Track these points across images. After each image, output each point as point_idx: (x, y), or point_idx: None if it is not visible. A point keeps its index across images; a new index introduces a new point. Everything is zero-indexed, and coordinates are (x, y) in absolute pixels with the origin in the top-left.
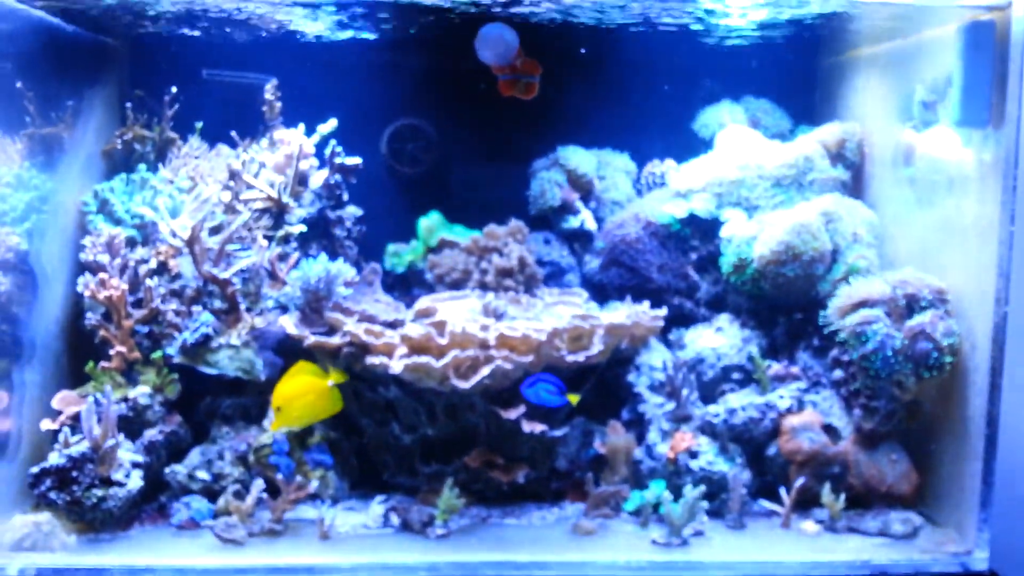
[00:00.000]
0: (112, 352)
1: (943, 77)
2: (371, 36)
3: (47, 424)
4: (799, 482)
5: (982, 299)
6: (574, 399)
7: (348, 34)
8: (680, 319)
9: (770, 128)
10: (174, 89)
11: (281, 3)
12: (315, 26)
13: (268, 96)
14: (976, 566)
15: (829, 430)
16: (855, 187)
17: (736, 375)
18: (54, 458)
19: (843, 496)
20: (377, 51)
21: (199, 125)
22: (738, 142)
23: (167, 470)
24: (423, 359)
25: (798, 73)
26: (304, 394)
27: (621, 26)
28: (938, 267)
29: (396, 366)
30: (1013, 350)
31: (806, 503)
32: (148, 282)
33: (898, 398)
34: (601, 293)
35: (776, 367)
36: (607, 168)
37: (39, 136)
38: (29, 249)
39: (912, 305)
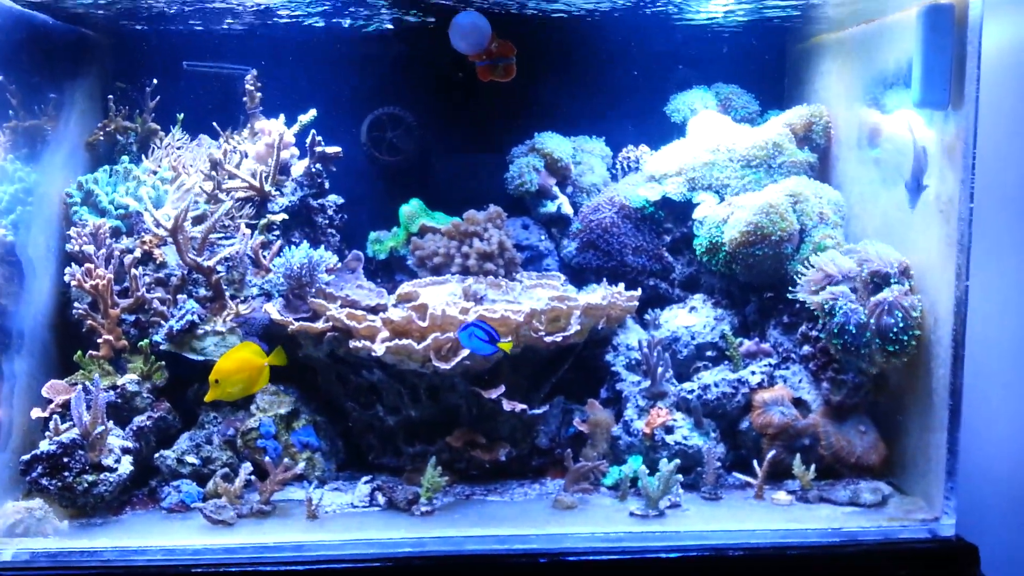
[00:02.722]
0: (100, 341)
1: (904, 60)
2: (350, 25)
3: (37, 412)
4: (771, 454)
5: (944, 275)
6: (506, 347)
7: (324, 23)
8: (655, 300)
9: (740, 112)
10: (155, 81)
11: None
12: (295, 16)
13: (249, 87)
14: (943, 532)
15: (799, 403)
16: (822, 168)
17: (710, 353)
18: (45, 445)
19: (813, 467)
20: (356, 41)
21: (181, 116)
22: (709, 127)
23: (157, 455)
24: (404, 342)
25: (767, 58)
26: (241, 370)
27: (595, 14)
28: (902, 244)
29: (378, 349)
30: (974, 323)
31: (778, 475)
32: (133, 271)
33: (865, 371)
34: (579, 276)
35: (747, 344)
36: (583, 154)
37: (22, 128)
38: (15, 240)
39: (877, 280)
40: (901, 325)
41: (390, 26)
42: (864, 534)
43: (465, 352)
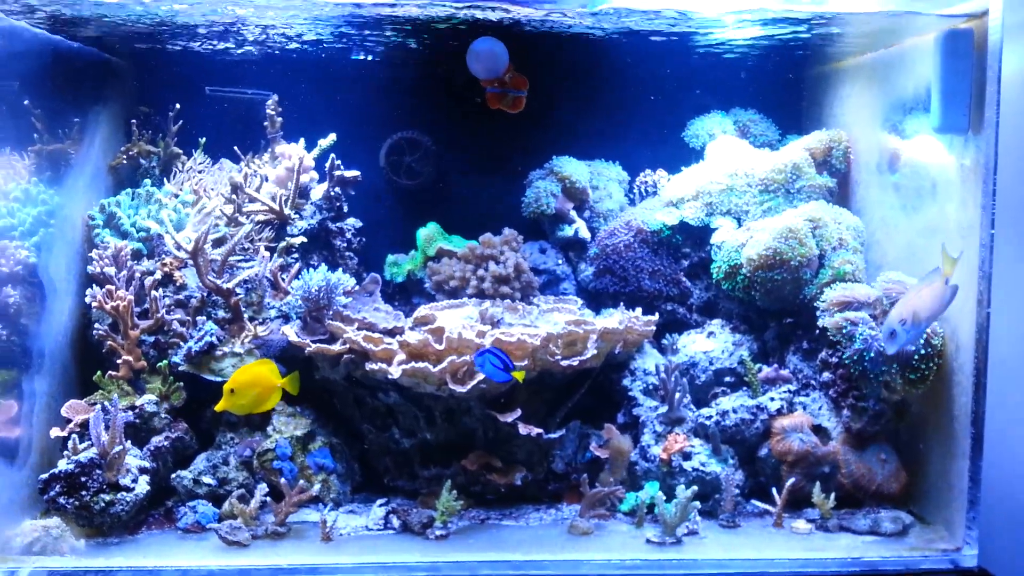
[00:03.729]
0: (119, 361)
1: (924, 85)
2: (369, 51)
3: (56, 432)
4: (790, 482)
5: (965, 301)
6: (519, 376)
7: (347, 50)
8: (673, 324)
9: (759, 138)
10: (178, 105)
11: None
12: (315, 42)
13: (270, 111)
14: (965, 563)
15: (819, 431)
16: (842, 193)
17: (728, 378)
18: (63, 464)
19: (833, 496)
20: (375, 65)
21: (203, 140)
22: (727, 151)
23: (173, 476)
24: (421, 364)
25: (786, 84)
26: (255, 385)
27: (613, 39)
28: (923, 270)
29: (395, 371)
30: (996, 350)
31: (798, 503)
32: (153, 293)
33: (886, 398)
34: (595, 300)
35: (766, 370)
36: (600, 178)
37: (46, 152)
38: (37, 262)
39: None
40: (922, 352)
41: (411, 46)
42: (884, 564)
43: (481, 375)
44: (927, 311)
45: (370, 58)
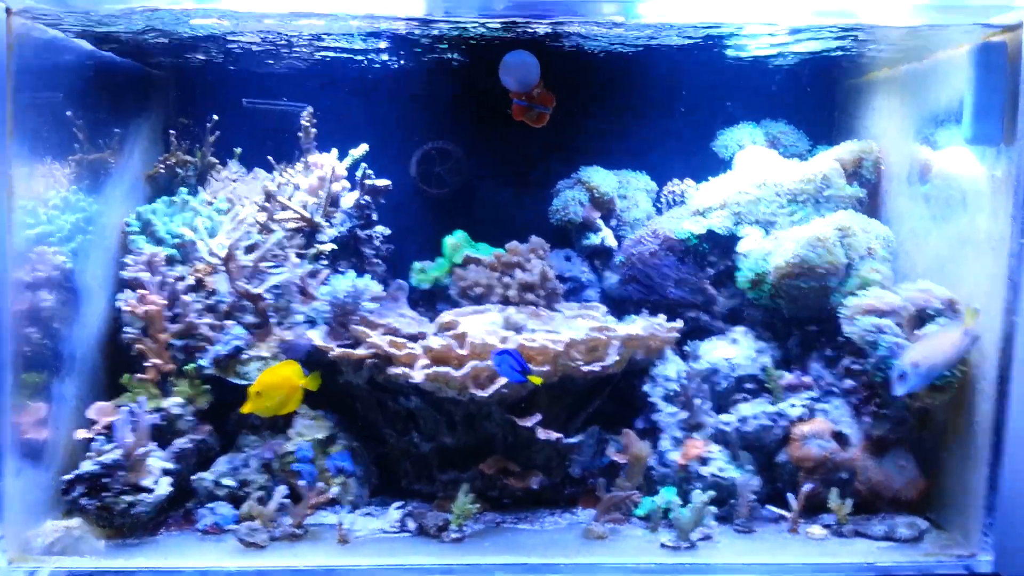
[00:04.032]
0: (147, 364)
1: (956, 97)
2: (400, 63)
3: (81, 433)
4: (807, 487)
5: (992, 310)
6: (536, 380)
7: (379, 62)
8: (697, 332)
9: (789, 148)
10: (216, 116)
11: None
12: (349, 54)
13: (304, 123)
14: (980, 568)
15: (839, 437)
16: (872, 204)
17: (749, 385)
18: (87, 466)
19: (850, 501)
20: (406, 77)
21: (238, 150)
22: (756, 162)
23: (194, 477)
24: (443, 369)
25: (817, 95)
26: (280, 387)
27: (643, 49)
28: (951, 280)
29: (417, 376)
30: (1021, 358)
31: (814, 508)
32: (184, 298)
33: (908, 406)
34: (620, 307)
35: (788, 377)
36: (628, 187)
37: (87, 161)
38: (74, 268)
39: (923, 316)
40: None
41: (449, 56)
42: (899, 569)
43: (503, 380)
44: (942, 357)
45: (401, 69)
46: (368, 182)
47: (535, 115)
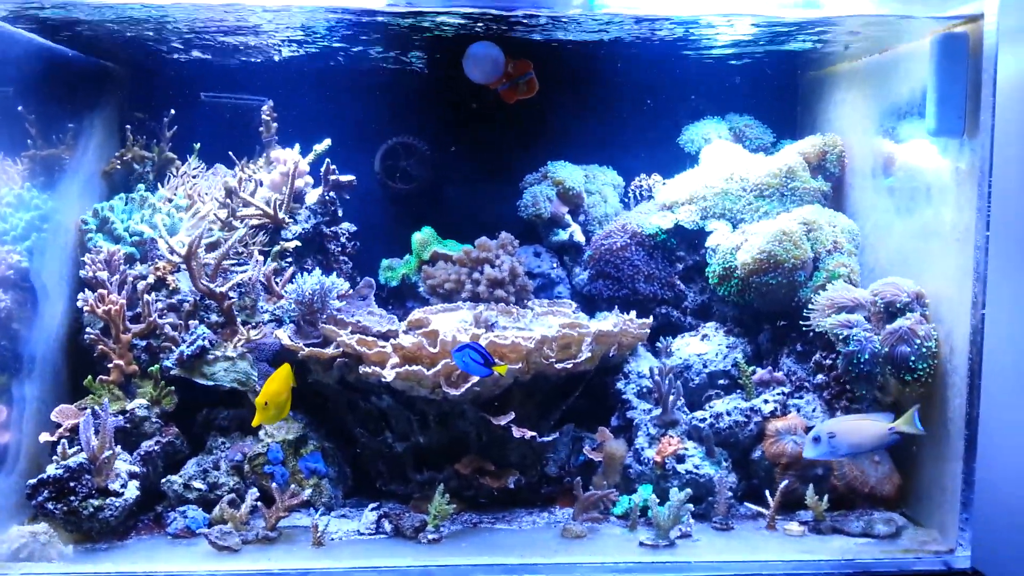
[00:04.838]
0: (110, 365)
1: (918, 89)
2: (364, 57)
3: (45, 437)
4: (783, 484)
5: (960, 303)
6: (501, 369)
7: (342, 55)
8: (667, 328)
9: (753, 142)
10: (173, 111)
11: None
12: (309, 46)
13: (265, 116)
14: (959, 564)
15: None
16: (836, 197)
17: (722, 381)
18: (51, 469)
19: (827, 498)
20: (370, 71)
21: (197, 145)
22: (722, 156)
23: (164, 480)
24: (415, 367)
25: (780, 88)
26: (282, 393)
27: (608, 45)
28: (918, 273)
29: (388, 375)
30: (991, 352)
31: (791, 505)
32: (146, 297)
33: (880, 401)
34: (590, 304)
35: (760, 372)
36: (595, 182)
37: (40, 157)
38: (30, 267)
39: (891, 310)
40: (918, 353)
41: (407, 52)
42: (878, 566)
43: (475, 379)
44: (858, 441)
45: (365, 63)
46: (332, 177)
47: (524, 87)
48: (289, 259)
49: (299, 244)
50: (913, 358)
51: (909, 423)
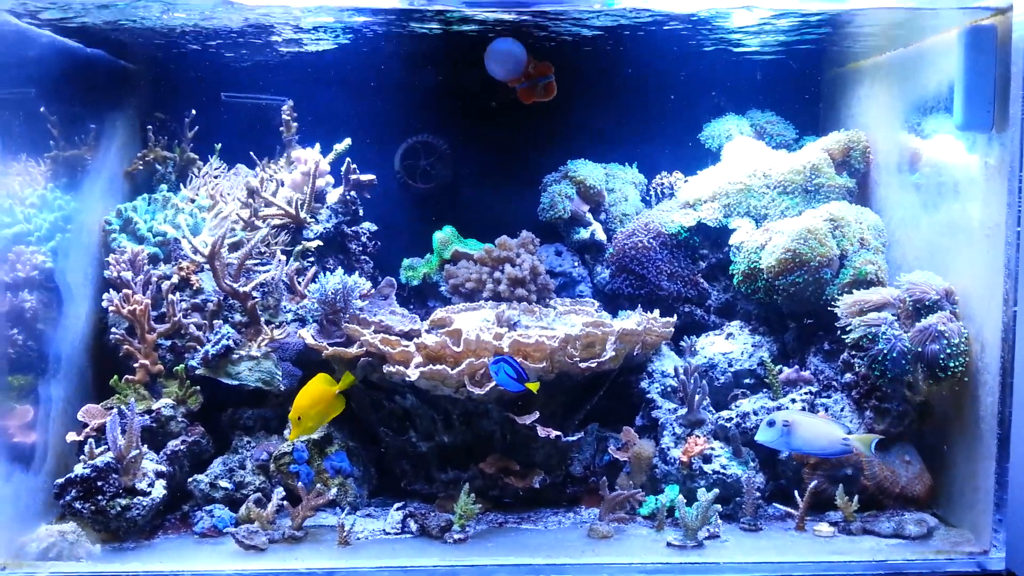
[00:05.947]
0: (136, 365)
1: (945, 83)
2: (385, 56)
3: (72, 436)
4: (812, 484)
5: (990, 300)
6: (533, 387)
7: (362, 54)
8: (691, 327)
9: (775, 138)
10: (194, 111)
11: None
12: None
13: (285, 116)
14: (993, 566)
15: None
16: (862, 194)
17: (748, 380)
18: (79, 469)
19: (856, 498)
20: (391, 70)
21: (219, 146)
22: (745, 153)
23: (190, 480)
24: (439, 367)
25: (803, 85)
26: (316, 403)
27: (629, 40)
28: (945, 270)
29: (412, 374)
30: (1023, 349)
31: (820, 505)
32: (170, 297)
33: (909, 399)
34: (612, 302)
35: (787, 371)
36: (616, 180)
37: (63, 158)
38: (54, 267)
39: (920, 308)
40: (949, 351)
41: (426, 50)
42: (910, 567)
43: None
44: (810, 439)
45: (385, 63)
46: (353, 177)
47: (542, 88)
48: (311, 259)
49: (320, 244)
50: (943, 356)
51: (865, 444)
